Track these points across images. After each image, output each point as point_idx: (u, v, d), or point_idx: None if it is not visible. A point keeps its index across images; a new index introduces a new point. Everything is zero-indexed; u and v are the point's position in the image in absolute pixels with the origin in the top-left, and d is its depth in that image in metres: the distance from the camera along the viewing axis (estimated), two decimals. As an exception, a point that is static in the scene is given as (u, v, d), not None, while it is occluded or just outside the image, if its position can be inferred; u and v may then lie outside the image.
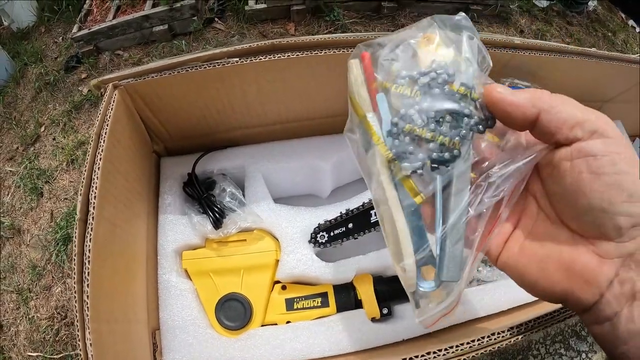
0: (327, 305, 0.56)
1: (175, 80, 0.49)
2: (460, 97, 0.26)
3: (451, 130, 0.26)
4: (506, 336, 0.41)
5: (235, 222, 0.54)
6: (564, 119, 0.24)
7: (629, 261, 0.24)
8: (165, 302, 0.53)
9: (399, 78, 0.28)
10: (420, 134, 0.27)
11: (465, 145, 0.27)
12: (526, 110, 0.25)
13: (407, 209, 0.29)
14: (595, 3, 2.19)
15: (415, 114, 0.27)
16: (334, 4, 1.64)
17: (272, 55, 0.45)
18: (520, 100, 0.25)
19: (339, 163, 0.63)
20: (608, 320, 0.25)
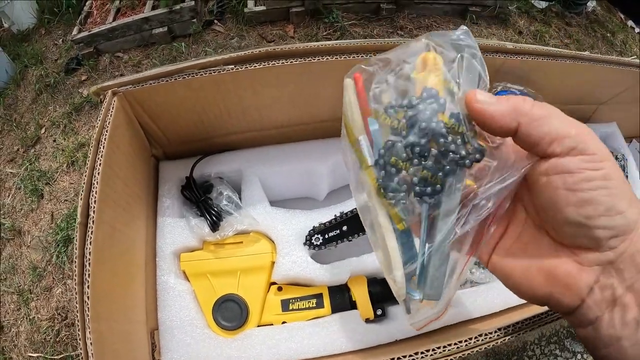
0: (322, 306, 0.57)
1: (173, 86, 0.50)
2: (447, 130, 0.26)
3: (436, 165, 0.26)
4: (494, 337, 0.42)
5: (232, 224, 0.55)
6: (543, 134, 0.24)
7: (609, 268, 0.25)
8: (163, 303, 0.55)
9: (388, 108, 0.27)
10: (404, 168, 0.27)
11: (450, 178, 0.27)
12: (505, 123, 0.25)
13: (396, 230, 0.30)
14: (594, 4, 2.19)
15: (401, 148, 0.27)
16: (333, 5, 1.65)
17: (266, 63, 0.46)
18: (499, 112, 0.25)
19: (335, 166, 0.64)
20: (590, 324, 0.25)
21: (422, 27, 1.76)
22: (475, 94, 0.25)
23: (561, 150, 0.24)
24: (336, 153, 0.63)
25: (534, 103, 0.25)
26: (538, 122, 0.24)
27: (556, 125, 0.24)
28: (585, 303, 0.25)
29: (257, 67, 0.46)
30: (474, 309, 0.58)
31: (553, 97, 0.68)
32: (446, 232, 0.27)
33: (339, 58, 0.46)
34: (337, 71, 0.51)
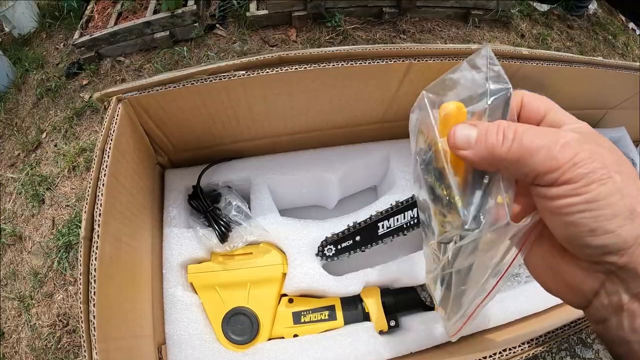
0: (334, 318, 0.56)
1: (180, 92, 0.48)
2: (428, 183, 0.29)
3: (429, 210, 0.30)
4: (517, 351, 0.41)
5: (242, 236, 0.53)
6: (524, 174, 0.25)
7: (612, 277, 0.25)
8: (171, 316, 0.53)
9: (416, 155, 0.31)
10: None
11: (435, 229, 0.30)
12: (485, 168, 0.26)
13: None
14: (595, 6, 2.19)
15: (421, 195, 0.30)
16: (336, 10, 1.64)
17: (279, 68, 0.45)
18: (477, 158, 0.26)
19: (346, 175, 0.63)
20: (601, 323, 0.27)
21: (424, 30, 1.76)
22: (453, 137, 0.26)
23: (544, 183, 0.24)
24: (348, 161, 0.62)
25: (512, 140, 0.24)
26: (516, 165, 0.25)
27: (536, 165, 0.24)
28: (593, 305, 0.26)
29: (269, 73, 0.44)
30: (490, 319, 0.57)
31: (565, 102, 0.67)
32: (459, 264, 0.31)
33: (354, 64, 0.45)
34: (350, 78, 0.50)
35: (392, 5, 1.69)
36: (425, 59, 0.48)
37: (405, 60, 0.47)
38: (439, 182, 0.28)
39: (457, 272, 0.32)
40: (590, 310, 0.27)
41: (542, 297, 0.59)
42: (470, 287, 0.33)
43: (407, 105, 0.58)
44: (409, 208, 0.56)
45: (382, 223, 0.55)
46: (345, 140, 0.63)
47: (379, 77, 0.50)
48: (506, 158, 0.25)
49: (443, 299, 0.35)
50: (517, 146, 0.24)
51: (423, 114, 0.30)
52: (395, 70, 0.49)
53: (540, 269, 0.30)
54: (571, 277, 0.27)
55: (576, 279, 0.26)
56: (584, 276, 0.26)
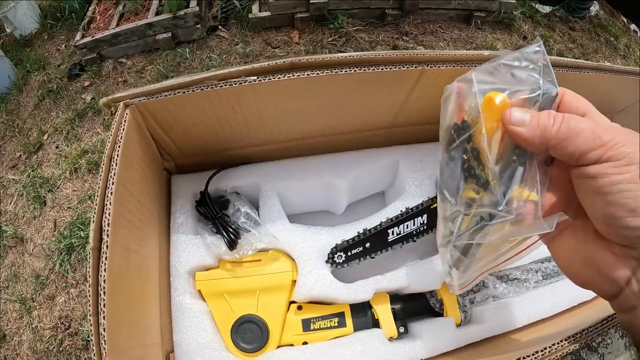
0: (344, 325, 0.55)
1: (190, 98, 0.47)
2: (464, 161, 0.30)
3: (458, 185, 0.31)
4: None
5: (251, 243, 0.53)
6: (569, 153, 0.26)
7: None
8: (179, 325, 0.52)
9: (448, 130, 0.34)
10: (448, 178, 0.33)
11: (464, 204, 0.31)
12: (535, 145, 0.27)
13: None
14: (597, 8, 2.19)
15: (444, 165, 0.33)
16: (338, 11, 1.64)
17: (291, 74, 0.44)
18: (529, 135, 0.27)
19: (355, 180, 0.62)
20: (631, 311, 0.27)
21: (427, 32, 1.75)
22: (509, 115, 0.28)
23: (588, 162, 0.26)
24: (357, 167, 0.61)
25: (561, 122, 0.27)
26: (564, 143, 0.26)
27: (580, 144, 0.26)
28: (624, 292, 0.27)
29: (281, 79, 0.44)
30: (497, 325, 0.57)
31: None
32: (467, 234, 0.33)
33: (366, 70, 0.44)
34: (362, 84, 0.49)
35: (394, 7, 1.68)
36: (437, 65, 0.47)
37: (418, 66, 0.46)
38: (476, 160, 0.29)
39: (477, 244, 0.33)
40: (619, 299, 0.27)
41: (548, 304, 0.58)
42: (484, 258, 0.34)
43: (418, 111, 0.59)
44: (418, 214, 0.56)
45: (392, 230, 0.54)
46: (354, 145, 0.63)
47: (390, 83, 0.49)
48: (555, 137, 0.26)
49: (456, 262, 0.37)
50: (565, 127, 0.26)
51: (467, 93, 0.31)
52: (407, 76, 0.48)
53: (572, 260, 0.30)
54: (604, 264, 0.27)
55: (609, 265, 0.27)
56: (617, 262, 0.27)
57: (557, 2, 2.01)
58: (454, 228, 0.34)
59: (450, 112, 0.34)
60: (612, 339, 1.09)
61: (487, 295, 0.61)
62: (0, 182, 1.49)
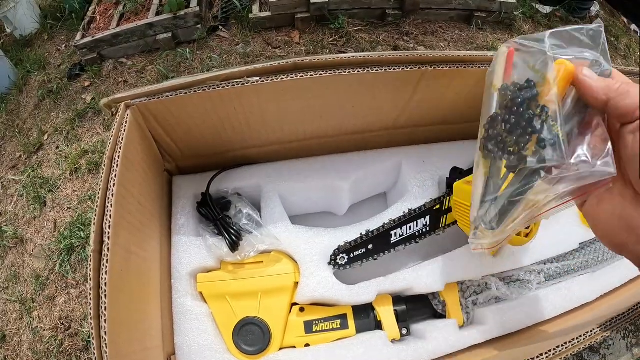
0: (346, 327, 0.55)
1: (191, 99, 0.47)
2: (533, 115, 0.31)
3: (518, 140, 0.31)
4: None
5: (253, 245, 0.52)
6: (628, 105, 0.28)
7: None
8: (180, 327, 0.52)
9: (503, 88, 0.34)
10: (501, 135, 0.33)
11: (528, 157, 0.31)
12: (598, 95, 0.29)
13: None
14: (597, 8, 2.19)
15: (499, 121, 0.34)
16: (339, 11, 1.63)
17: (294, 75, 0.44)
18: (595, 86, 0.29)
19: (357, 182, 0.62)
20: None
21: (427, 32, 1.75)
22: (582, 69, 0.30)
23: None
24: (359, 168, 0.61)
25: (622, 82, 0.29)
26: (623, 96, 0.29)
27: (637, 96, 0.28)
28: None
29: (283, 80, 0.43)
30: (500, 327, 0.56)
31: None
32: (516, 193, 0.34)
33: (369, 71, 0.44)
34: (365, 85, 0.49)
35: (395, 7, 1.68)
36: (440, 66, 0.47)
37: (421, 67, 0.46)
38: (545, 116, 0.30)
39: (518, 201, 0.34)
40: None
41: (551, 306, 0.58)
42: (521, 215, 0.35)
43: (421, 112, 0.58)
44: (421, 216, 0.55)
45: (394, 231, 0.54)
46: (356, 146, 0.62)
47: (393, 84, 0.49)
48: (617, 91, 0.29)
49: (492, 220, 0.38)
50: (624, 85, 0.29)
51: (529, 55, 0.33)
52: (410, 77, 0.48)
53: (608, 222, 0.31)
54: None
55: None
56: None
57: (558, 2, 2.01)
58: (499, 183, 0.36)
59: (500, 73, 0.36)
60: (613, 339, 1.08)
61: (490, 297, 0.61)
62: (1, 183, 1.49)
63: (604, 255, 0.65)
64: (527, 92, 0.32)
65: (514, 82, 0.34)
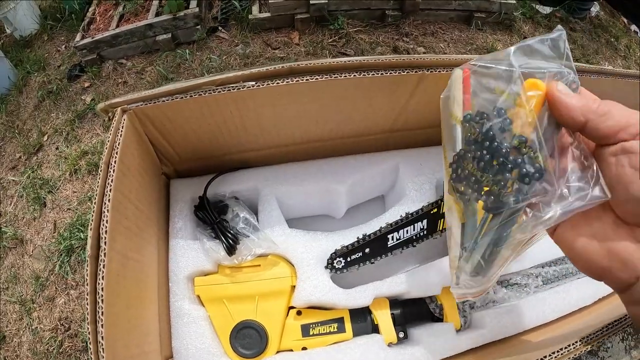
0: (343, 330, 0.55)
1: (187, 103, 0.47)
2: (510, 150, 0.28)
3: (496, 178, 0.28)
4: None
5: (250, 248, 0.52)
6: (609, 127, 0.27)
7: None
8: (177, 330, 0.52)
9: (467, 119, 0.31)
10: (473, 174, 0.30)
11: (508, 194, 0.28)
12: (576, 116, 0.28)
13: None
14: (597, 9, 2.18)
15: (469, 158, 0.30)
16: (338, 12, 1.63)
17: (289, 79, 0.44)
18: (572, 105, 0.28)
19: (355, 185, 0.62)
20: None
21: (427, 33, 1.75)
22: (556, 84, 0.29)
23: (627, 136, 0.27)
24: (356, 172, 0.61)
25: (600, 102, 0.28)
26: (603, 117, 0.27)
27: (618, 117, 0.27)
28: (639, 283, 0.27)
29: (279, 84, 0.43)
30: (498, 331, 0.56)
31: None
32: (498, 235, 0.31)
33: (366, 75, 0.44)
34: (361, 88, 0.49)
35: (395, 8, 1.68)
36: (438, 69, 0.47)
37: (418, 71, 0.46)
38: (520, 150, 0.28)
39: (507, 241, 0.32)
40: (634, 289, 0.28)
41: (549, 309, 0.58)
42: (506, 254, 0.33)
43: (418, 115, 0.58)
44: (418, 219, 0.55)
45: (391, 235, 0.54)
46: (353, 149, 0.62)
47: (390, 88, 0.49)
48: (596, 111, 0.27)
49: (476, 267, 0.35)
50: (603, 104, 0.28)
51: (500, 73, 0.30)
52: (407, 80, 0.48)
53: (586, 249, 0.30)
54: (624, 251, 0.28)
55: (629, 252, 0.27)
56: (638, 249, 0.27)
57: (558, 2, 2.00)
58: (477, 227, 0.32)
59: (460, 100, 0.33)
60: (612, 342, 1.08)
61: (488, 301, 0.61)
62: (0, 184, 1.49)
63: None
64: (498, 123, 0.29)
65: (478, 112, 0.30)
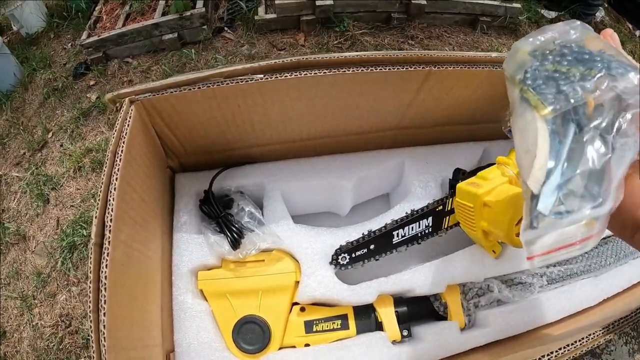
0: (347, 327, 0.55)
1: (195, 95, 0.47)
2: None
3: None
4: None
5: (255, 243, 0.52)
6: None
7: None
8: (180, 324, 0.52)
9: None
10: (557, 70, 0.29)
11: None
12: None
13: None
14: (602, 14, 2.18)
15: (549, 60, 0.29)
16: (344, 14, 1.63)
17: (298, 73, 0.44)
18: None
19: (360, 182, 0.62)
20: None
21: (432, 36, 1.75)
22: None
23: None
24: (362, 169, 0.61)
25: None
26: None
27: None
28: None
29: (287, 77, 0.43)
30: (502, 330, 0.56)
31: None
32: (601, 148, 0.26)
33: (373, 70, 0.44)
34: (369, 84, 0.49)
35: (400, 10, 1.68)
36: (445, 66, 0.47)
37: (425, 67, 0.46)
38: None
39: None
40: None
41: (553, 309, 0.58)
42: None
43: (425, 112, 0.58)
44: (424, 217, 0.55)
45: (397, 232, 0.54)
46: (359, 146, 0.62)
47: (397, 84, 0.49)
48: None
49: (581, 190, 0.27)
50: None
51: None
52: (414, 77, 0.48)
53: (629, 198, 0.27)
54: None
55: None
56: None
57: (563, 7, 2.01)
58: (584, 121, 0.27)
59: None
60: (615, 345, 1.07)
61: (492, 300, 0.61)
62: (4, 179, 1.49)
63: (607, 259, 0.64)
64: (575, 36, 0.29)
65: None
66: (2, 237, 1.37)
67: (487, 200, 0.49)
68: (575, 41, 0.29)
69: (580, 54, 0.28)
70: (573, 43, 0.29)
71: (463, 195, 0.52)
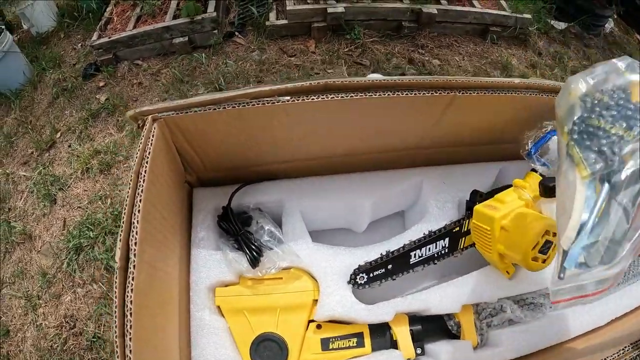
0: (362, 345, 0.55)
1: (220, 115, 0.47)
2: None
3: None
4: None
5: (274, 261, 0.52)
6: None
7: None
8: (197, 341, 0.52)
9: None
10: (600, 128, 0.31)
11: None
12: None
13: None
14: (612, 25, 2.19)
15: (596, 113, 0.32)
16: (355, 22, 1.64)
17: (325, 96, 0.44)
18: None
19: (379, 200, 0.62)
20: None
21: (442, 46, 1.76)
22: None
23: None
24: (382, 188, 0.61)
25: None
26: None
27: None
28: None
29: (314, 100, 0.44)
30: (514, 349, 0.56)
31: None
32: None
33: (400, 94, 0.44)
34: (394, 107, 0.49)
35: (411, 19, 1.69)
36: (469, 91, 0.47)
37: (450, 92, 0.46)
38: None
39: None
40: None
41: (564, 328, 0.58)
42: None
43: (447, 134, 0.58)
44: (441, 237, 0.55)
45: (414, 252, 0.54)
46: (378, 165, 0.62)
47: (421, 108, 0.49)
48: None
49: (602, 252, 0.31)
50: None
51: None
52: (439, 101, 0.48)
53: None
54: None
55: None
56: None
57: (573, 18, 2.01)
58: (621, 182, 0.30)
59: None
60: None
61: (504, 319, 0.61)
62: (11, 179, 1.49)
63: (618, 282, 0.64)
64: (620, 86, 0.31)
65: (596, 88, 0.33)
66: (8, 236, 1.37)
67: (504, 224, 0.49)
68: (621, 87, 0.31)
69: (624, 108, 0.30)
70: (620, 90, 0.31)
71: (480, 218, 0.52)
